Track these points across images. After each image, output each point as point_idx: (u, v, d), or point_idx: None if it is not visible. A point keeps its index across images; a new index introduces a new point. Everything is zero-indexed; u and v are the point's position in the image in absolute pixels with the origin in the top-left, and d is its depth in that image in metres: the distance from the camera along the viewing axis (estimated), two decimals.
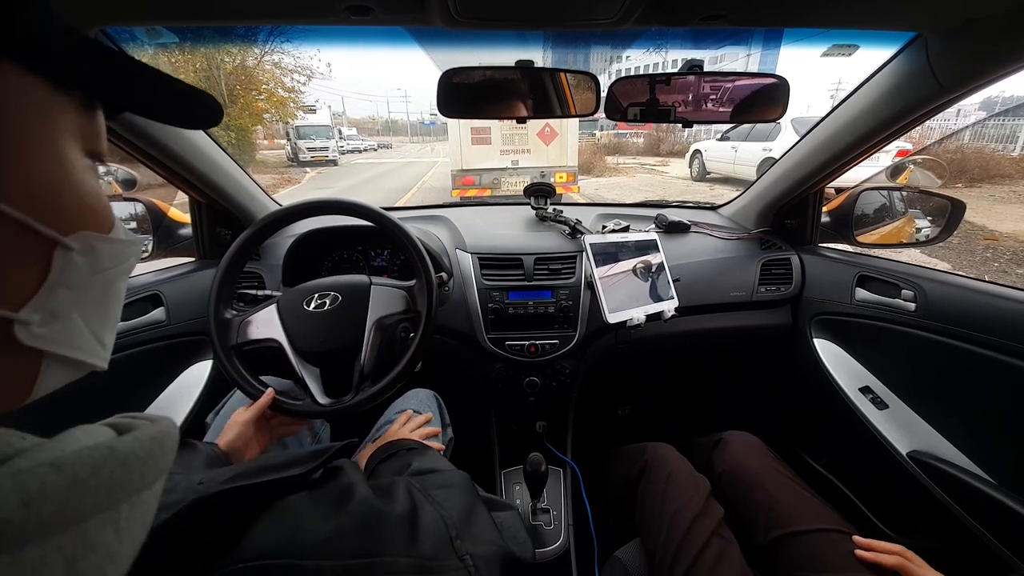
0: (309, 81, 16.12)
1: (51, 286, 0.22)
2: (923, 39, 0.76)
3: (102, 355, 0.26)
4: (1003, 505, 0.77)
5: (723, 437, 0.90)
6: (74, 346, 0.24)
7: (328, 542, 0.30)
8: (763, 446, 0.92)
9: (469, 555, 0.37)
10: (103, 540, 0.18)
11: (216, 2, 0.65)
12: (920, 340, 0.94)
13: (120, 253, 0.26)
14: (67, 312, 0.23)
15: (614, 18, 0.65)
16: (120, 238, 0.26)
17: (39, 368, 0.23)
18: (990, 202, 6.28)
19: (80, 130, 0.24)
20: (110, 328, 0.27)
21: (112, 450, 0.20)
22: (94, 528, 0.18)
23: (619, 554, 0.87)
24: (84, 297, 0.24)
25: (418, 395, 1.01)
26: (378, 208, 0.82)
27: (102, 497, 0.18)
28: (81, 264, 0.24)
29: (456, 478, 0.50)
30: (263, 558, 0.28)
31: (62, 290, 0.23)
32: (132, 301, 0.96)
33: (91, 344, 0.25)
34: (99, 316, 0.26)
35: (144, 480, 0.21)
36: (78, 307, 0.24)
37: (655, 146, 19.86)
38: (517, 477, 1.10)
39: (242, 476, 0.34)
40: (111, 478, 0.19)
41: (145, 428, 0.22)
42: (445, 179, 9.53)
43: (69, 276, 0.23)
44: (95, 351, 0.26)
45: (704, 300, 1.19)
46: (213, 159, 1.04)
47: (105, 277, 0.25)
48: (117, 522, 0.19)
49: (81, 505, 0.18)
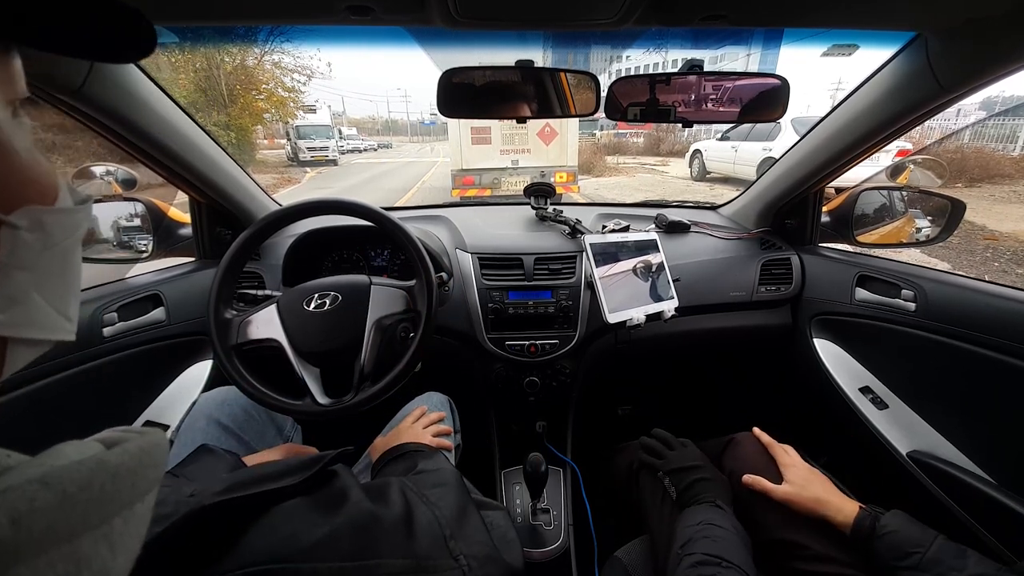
0: (309, 81, 16.15)
1: (3, 269, 0.21)
2: (923, 39, 0.76)
3: (68, 328, 0.25)
4: (1003, 505, 0.77)
5: (734, 438, 0.91)
6: (38, 327, 0.23)
7: (323, 545, 0.30)
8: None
9: (463, 555, 0.37)
10: (98, 555, 0.18)
11: (216, 2, 0.65)
12: (920, 340, 0.94)
13: (71, 223, 0.24)
14: (25, 294, 0.22)
15: (614, 18, 0.65)
16: (68, 207, 0.24)
17: (4, 352, 0.22)
18: (990, 202, 6.28)
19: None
20: (73, 299, 0.26)
21: (101, 463, 0.19)
22: (87, 544, 0.18)
23: (619, 554, 0.87)
24: (41, 275, 0.23)
25: (432, 399, 1.00)
26: (378, 208, 0.82)
27: (94, 511, 0.18)
28: (32, 242, 0.22)
29: (449, 476, 0.51)
30: (259, 564, 0.28)
31: (16, 272, 0.21)
32: (132, 301, 0.96)
33: (55, 320, 0.24)
34: (59, 291, 0.24)
35: (136, 492, 0.20)
36: (36, 286, 0.23)
37: (655, 146, 19.85)
38: (517, 477, 1.10)
39: (236, 488, 0.33)
40: (102, 491, 0.18)
41: (134, 440, 0.22)
42: (445, 179, 9.52)
43: (21, 257, 0.22)
44: (60, 326, 0.25)
45: (704, 300, 1.19)
46: (213, 159, 1.04)
47: (59, 250, 0.24)
48: (110, 536, 0.19)
49: (72, 521, 0.17)
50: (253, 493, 0.33)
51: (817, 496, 0.72)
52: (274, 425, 0.92)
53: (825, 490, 0.74)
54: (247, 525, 0.31)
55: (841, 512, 0.69)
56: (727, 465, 0.87)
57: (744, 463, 0.85)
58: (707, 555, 0.62)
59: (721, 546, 0.63)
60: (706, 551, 0.62)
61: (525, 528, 1.01)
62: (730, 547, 0.63)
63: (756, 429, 0.91)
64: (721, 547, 0.63)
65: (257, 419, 0.88)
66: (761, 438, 0.88)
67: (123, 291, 0.96)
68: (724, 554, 0.62)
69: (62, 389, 0.82)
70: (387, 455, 0.72)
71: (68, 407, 0.83)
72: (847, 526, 0.68)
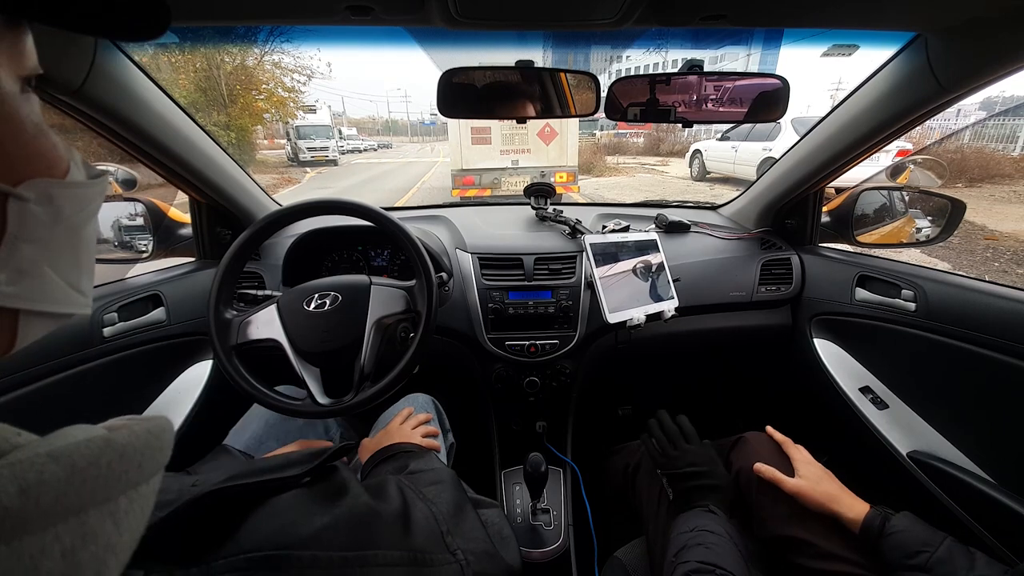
0: (309, 81, 16.16)
1: (12, 241, 0.21)
2: (923, 39, 0.76)
3: (82, 302, 0.26)
4: (1003, 505, 0.77)
5: (744, 436, 0.91)
6: (50, 300, 0.23)
7: (323, 534, 0.31)
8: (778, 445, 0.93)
9: (460, 550, 0.38)
10: (103, 531, 0.18)
11: (216, 2, 0.65)
12: (920, 340, 0.94)
13: (82, 197, 0.24)
14: (36, 266, 0.22)
15: (614, 18, 0.65)
16: (79, 180, 0.24)
17: (16, 325, 0.22)
18: (990, 202, 6.28)
19: (5, 54, 0.21)
20: (87, 274, 0.26)
21: (109, 441, 0.19)
22: (94, 519, 0.18)
23: (619, 554, 0.87)
24: (51, 249, 0.23)
25: (417, 399, 1.01)
26: (378, 208, 0.82)
27: (100, 488, 0.18)
28: (40, 214, 0.22)
29: (444, 474, 0.51)
30: (259, 550, 0.28)
31: (24, 244, 0.21)
32: (132, 301, 0.96)
33: (68, 294, 0.24)
34: (71, 265, 0.24)
35: (142, 473, 0.21)
36: (47, 259, 0.23)
37: (655, 146, 19.86)
38: (517, 477, 1.10)
39: (237, 476, 0.34)
40: (109, 469, 0.19)
41: (140, 423, 0.22)
42: (445, 179, 9.53)
43: (29, 229, 0.22)
44: (73, 300, 0.25)
45: (704, 300, 1.19)
46: (213, 159, 1.04)
47: (70, 224, 0.24)
48: (116, 514, 0.19)
49: (80, 495, 0.17)
50: (253, 482, 0.33)
51: (829, 492, 0.72)
52: (320, 422, 0.94)
53: (837, 488, 0.74)
54: (248, 513, 0.31)
55: (852, 510, 0.70)
56: (735, 463, 0.87)
57: (753, 461, 0.85)
58: (701, 563, 0.61)
59: (715, 553, 0.63)
60: (700, 559, 0.62)
61: (525, 528, 1.01)
62: (724, 554, 0.63)
63: (769, 428, 0.89)
64: (715, 554, 0.63)
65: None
66: (774, 436, 0.87)
67: (123, 291, 0.96)
68: (719, 561, 0.61)
69: (62, 389, 0.82)
70: (377, 456, 0.71)
71: (68, 407, 0.83)
72: (856, 524, 0.68)
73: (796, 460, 0.80)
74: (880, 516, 0.67)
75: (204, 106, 13.37)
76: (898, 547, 0.63)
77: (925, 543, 0.62)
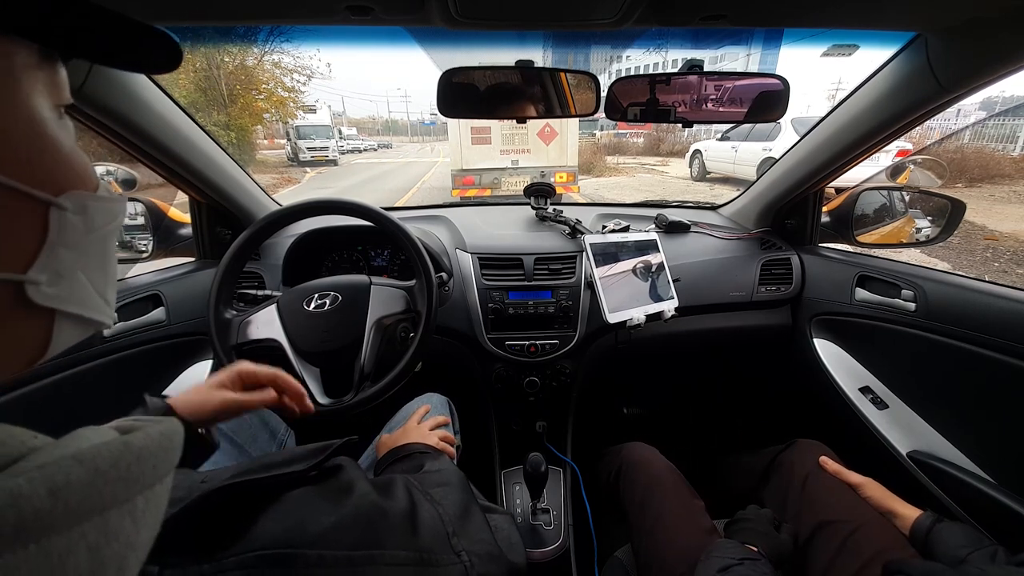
0: (309, 81, 16.14)
1: (52, 247, 0.23)
2: (923, 39, 0.76)
3: (109, 312, 0.27)
4: (1003, 505, 0.77)
5: (796, 441, 0.95)
6: (84, 304, 0.25)
7: (330, 533, 0.31)
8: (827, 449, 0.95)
9: (465, 551, 0.38)
10: (123, 529, 0.19)
11: (216, 2, 0.65)
12: (920, 340, 0.94)
13: (110, 211, 0.27)
14: (71, 271, 0.24)
15: (614, 18, 0.65)
16: (107, 195, 0.26)
17: (52, 327, 0.24)
18: (990, 202, 6.28)
19: (45, 85, 0.23)
20: (111, 286, 0.28)
21: (127, 444, 0.20)
22: (115, 518, 0.19)
23: (619, 554, 0.87)
24: (84, 256, 0.25)
25: (432, 400, 1.00)
26: (378, 208, 0.83)
27: (121, 489, 0.19)
28: (77, 223, 0.24)
29: (453, 476, 0.51)
30: (268, 548, 0.29)
31: (62, 250, 0.23)
32: (132, 301, 0.96)
33: (98, 302, 0.26)
34: (100, 274, 0.26)
35: (156, 473, 0.22)
36: (81, 266, 0.25)
37: (655, 146, 19.85)
38: (517, 477, 1.10)
39: (245, 472, 0.34)
40: (128, 471, 0.20)
41: (153, 426, 0.23)
42: (445, 179, 9.52)
43: (67, 236, 0.24)
44: (102, 309, 0.27)
45: (704, 300, 1.19)
46: (213, 159, 1.04)
47: (100, 235, 0.26)
48: (134, 513, 0.20)
49: (102, 496, 0.18)
50: (261, 477, 0.34)
51: (887, 491, 0.79)
52: (267, 429, 0.91)
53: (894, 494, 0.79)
54: (257, 510, 0.31)
55: (906, 507, 0.75)
56: (790, 462, 0.90)
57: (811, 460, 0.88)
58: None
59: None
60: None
61: (525, 528, 1.01)
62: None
63: (824, 458, 0.88)
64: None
65: (249, 422, 0.87)
66: (827, 466, 0.86)
67: (123, 291, 0.95)
68: None
69: (62, 389, 0.82)
70: (392, 454, 0.72)
71: (68, 407, 0.83)
72: (908, 521, 0.73)
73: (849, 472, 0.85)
74: (931, 519, 0.71)
75: (204, 106, 13.35)
76: (942, 542, 0.67)
77: (970, 542, 0.65)
